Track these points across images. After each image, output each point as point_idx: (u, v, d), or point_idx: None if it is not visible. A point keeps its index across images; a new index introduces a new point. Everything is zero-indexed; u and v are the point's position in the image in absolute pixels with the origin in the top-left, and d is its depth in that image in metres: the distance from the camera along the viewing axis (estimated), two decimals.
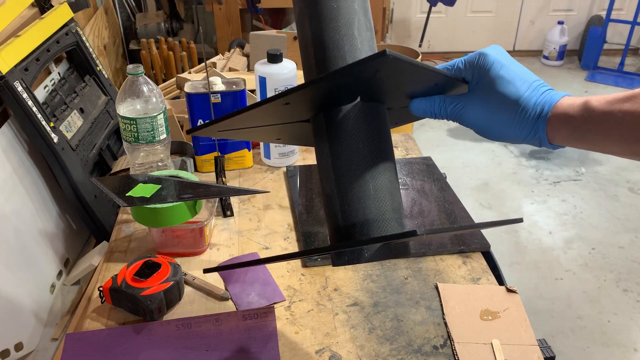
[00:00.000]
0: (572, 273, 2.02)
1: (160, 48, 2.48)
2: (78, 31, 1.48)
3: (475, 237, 0.94)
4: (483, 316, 0.78)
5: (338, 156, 0.57)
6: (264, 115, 0.60)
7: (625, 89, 3.53)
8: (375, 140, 0.57)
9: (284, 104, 0.55)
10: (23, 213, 1.23)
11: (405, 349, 0.74)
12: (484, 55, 0.57)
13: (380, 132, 0.58)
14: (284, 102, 0.54)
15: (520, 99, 0.55)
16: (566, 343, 1.72)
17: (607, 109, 0.52)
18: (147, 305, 0.76)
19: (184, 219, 0.85)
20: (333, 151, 0.57)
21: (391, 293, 0.83)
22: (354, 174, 0.56)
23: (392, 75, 0.54)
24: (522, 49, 4.08)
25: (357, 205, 0.56)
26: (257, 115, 0.58)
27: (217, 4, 2.65)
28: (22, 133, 1.27)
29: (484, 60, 0.57)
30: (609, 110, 0.52)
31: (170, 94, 1.71)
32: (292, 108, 0.58)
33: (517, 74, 0.56)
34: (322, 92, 0.55)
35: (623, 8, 3.90)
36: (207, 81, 1.03)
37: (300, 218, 0.99)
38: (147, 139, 0.99)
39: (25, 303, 1.19)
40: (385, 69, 0.51)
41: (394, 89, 0.58)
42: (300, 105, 0.58)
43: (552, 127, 0.54)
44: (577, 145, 0.55)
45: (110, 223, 1.38)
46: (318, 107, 0.59)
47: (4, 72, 1.16)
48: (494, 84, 0.56)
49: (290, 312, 0.80)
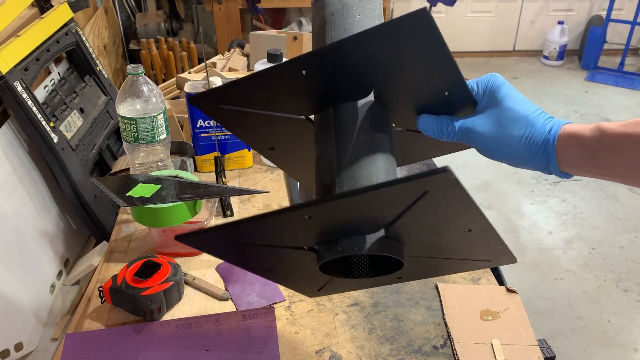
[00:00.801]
0: (572, 273, 2.02)
1: (160, 48, 2.48)
2: (78, 31, 1.48)
3: None
4: (483, 316, 0.78)
5: (343, 148, 0.56)
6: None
7: (626, 89, 3.54)
8: (381, 138, 0.57)
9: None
10: (23, 213, 1.23)
11: (405, 349, 0.74)
12: (495, 76, 0.59)
13: (386, 130, 0.58)
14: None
15: (529, 115, 0.56)
16: (566, 343, 1.72)
17: (621, 130, 0.52)
18: (147, 305, 0.76)
19: (184, 219, 0.85)
20: (338, 143, 0.56)
21: (391, 293, 0.83)
22: (357, 165, 0.55)
23: (417, 55, 0.51)
24: (522, 49, 4.08)
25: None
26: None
27: (217, 4, 2.65)
28: (22, 133, 1.27)
29: (494, 80, 0.58)
30: (624, 132, 0.51)
31: (170, 94, 1.71)
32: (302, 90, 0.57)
33: (524, 97, 0.58)
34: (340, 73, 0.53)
35: (623, 8, 3.90)
36: (207, 81, 1.03)
37: None
38: (147, 139, 0.99)
39: (25, 303, 1.19)
40: (417, 35, 0.49)
41: (408, 86, 0.57)
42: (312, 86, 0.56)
43: (562, 146, 0.54)
44: (587, 168, 0.54)
45: (110, 223, 1.38)
46: (327, 99, 0.58)
47: (4, 72, 1.16)
48: (505, 100, 0.57)
49: (290, 312, 0.80)
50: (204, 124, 1.08)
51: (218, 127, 1.09)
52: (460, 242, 0.56)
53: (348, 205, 0.48)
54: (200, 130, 1.09)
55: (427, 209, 0.49)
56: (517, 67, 3.92)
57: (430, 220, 0.51)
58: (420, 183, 0.44)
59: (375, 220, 0.51)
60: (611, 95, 3.48)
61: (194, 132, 1.10)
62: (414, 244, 0.55)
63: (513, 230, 2.24)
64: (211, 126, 1.09)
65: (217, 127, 1.09)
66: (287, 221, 0.50)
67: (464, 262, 0.62)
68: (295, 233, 0.53)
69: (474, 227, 0.53)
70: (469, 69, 3.82)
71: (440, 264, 0.63)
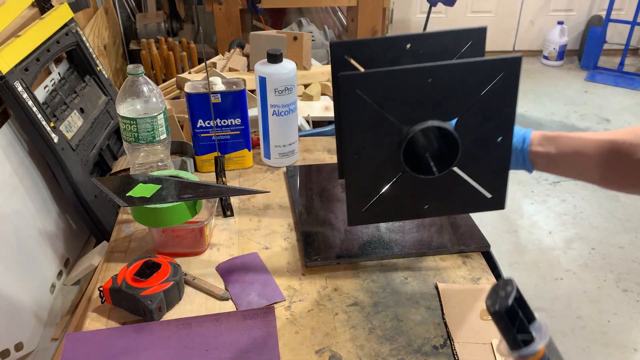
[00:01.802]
0: (572, 273, 2.02)
1: (160, 48, 2.48)
2: (78, 31, 1.48)
3: (475, 237, 0.94)
4: (483, 316, 0.79)
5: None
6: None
7: (625, 89, 3.54)
8: None
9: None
10: (23, 213, 1.23)
11: (405, 349, 0.74)
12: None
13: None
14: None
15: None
16: (566, 343, 1.72)
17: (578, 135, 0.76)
18: (147, 305, 0.76)
19: (184, 219, 0.85)
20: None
21: (391, 293, 0.83)
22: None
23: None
24: (522, 49, 4.08)
25: None
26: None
27: (217, 4, 2.65)
28: (22, 133, 1.27)
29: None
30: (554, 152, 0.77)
31: (171, 94, 1.71)
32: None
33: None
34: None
35: (623, 8, 3.90)
36: (207, 81, 1.03)
37: (300, 218, 0.99)
38: (147, 139, 0.99)
39: (25, 303, 1.19)
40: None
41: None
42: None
43: (534, 137, 0.78)
44: (554, 149, 0.77)
45: (110, 223, 1.38)
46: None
47: (4, 72, 1.16)
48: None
49: (290, 312, 0.80)
50: (204, 124, 1.08)
51: (218, 127, 1.09)
52: (488, 156, 0.76)
53: (457, 72, 0.70)
54: (200, 130, 1.09)
55: (494, 97, 0.71)
56: None
57: (488, 109, 0.72)
58: (509, 61, 0.69)
59: (458, 105, 0.72)
60: (611, 95, 3.48)
61: (194, 132, 1.10)
62: (464, 142, 0.73)
63: (513, 230, 2.24)
64: (211, 126, 1.09)
65: (217, 127, 1.09)
66: (411, 78, 0.70)
67: (474, 194, 0.80)
68: (413, 94, 0.71)
69: (505, 136, 0.74)
70: None
71: (460, 194, 0.80)
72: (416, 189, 0.78)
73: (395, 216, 0.85)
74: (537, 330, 0.48)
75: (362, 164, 0.75)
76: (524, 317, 0.48)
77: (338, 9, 3.20)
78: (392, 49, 0.80)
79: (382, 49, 0.80)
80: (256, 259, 0.91)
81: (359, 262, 0.89)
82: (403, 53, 0.80)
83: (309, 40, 1.76)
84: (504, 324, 0.48)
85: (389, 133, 0.73)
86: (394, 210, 0.81)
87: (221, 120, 1.09)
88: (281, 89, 1.07)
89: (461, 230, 0.95)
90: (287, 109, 1.10)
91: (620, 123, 3.14)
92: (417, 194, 0.79)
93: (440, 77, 0.70)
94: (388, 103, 0.71)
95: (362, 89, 0.70)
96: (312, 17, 3.13)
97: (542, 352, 0.48)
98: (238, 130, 1.11)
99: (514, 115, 0.73)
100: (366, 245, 0.91)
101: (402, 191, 0.78)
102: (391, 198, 0.78)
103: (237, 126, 1.10)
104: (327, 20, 3.19)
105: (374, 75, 0.70)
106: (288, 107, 1.10)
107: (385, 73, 0.70)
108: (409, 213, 0.83)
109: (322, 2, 2.89)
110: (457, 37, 0.79)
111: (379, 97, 0.71)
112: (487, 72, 0.70)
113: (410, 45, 0.80)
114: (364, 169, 0.76)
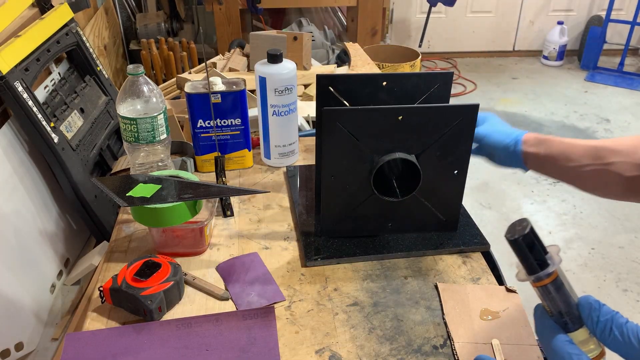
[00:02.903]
0: (572, 273, 2.02)
1: (161, 48, 2.48)
2: (78, 31, 1.48)
3: (475, 237, 0.94)
4: (483, 316, 0.79)
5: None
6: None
7: (625, 89, 3.54)
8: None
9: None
10: (23, 213, 1.23)
11: (405, 349, 0.74)
12: (487, 117, 0.93)
13: None
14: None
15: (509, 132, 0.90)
16: None
17: (543, 152, 0.84)
18: (147, 305, 0.76)
19: (184, 219, 0.85)
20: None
21: (391, 293, 0.83)
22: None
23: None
24: (521, 49, 4.09)
25: None
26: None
27: (217, 4, 2.65)
28: (22, 133, 1.28)
29: (485, 116, 0.93)
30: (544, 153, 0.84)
31: (171, 94, 1.71)
32: None
33: (503, 122, 0.92)
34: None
35: (623, 8, 3.90)
36: (207, 81, 1.03)
37: (300, 218, 0.99)
38: (148, 139, 0.99)
39: (25, 303, 1.19)
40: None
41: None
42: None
43: (529, 138, 0.85)
44: (543, 150, 0.83)
45: (110, 223, 1.38)
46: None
47: (4, 72, 1.16)
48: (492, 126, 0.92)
49: (290, 312, 0.80)
50: (204, 124, 1.09)
51: (218, 127, 1.09)
52: (445, 185, 0.89)
53: (424, 113, 0.81)
54: (200, 130, 1.09)
55: (453, 136, 0.83)
56: (517, 67, 3.92)
57: (448, 146, 0.85)
58: (468, 108, 0.81)
59: (422, 141, 0.84)
60: (611, 96, 3.48)
61: (194, 132, 1.10)
62: (425, 172, 0.85)
63: None
64: (211, 126, 1.09)
65: (217, 127, 1.09)
66: (385, 116, 0.81)
67: (431, 217, 0.92)
68: (383, 131, 0.82)
69: (460, 170, 0.87)
70: (468, 69, 3.82)
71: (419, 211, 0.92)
72: (382, 209, 0.90)
73: (362, 231, 0.93)
74: (550, 259, 0.55)
75: (337, 184, 0.87)
76: (539, 246, 0.54)
77: (338, 9, 3.21)
78: (370, 84, 0.92)
79: (361, 84, 0.92)
80: (256, 259, 0.91)
81: (359, 262, 0.89)
82: (380, 88, 0.92)
83: (309, 41, 1.76)
84: (522, 251, 0.54)
85: (362, 160, 0.85)
86: (362, 225, 0.92)
87: (221, 120, 1.09)
88: (281, 89, 1.07)
89: (461, 230, 0.95)
90: (287, 109, 1.10)
91: (620, 123, 3.14)
92: (383, 213, 0.91)
93: (410, 117, 0.81)
94: (363, 135, 0.82)
95: (342, 122, 0.80)
96: (312, 17, 3.13)
97: (555, 274, 0.55)
98: (238, 130, 1.11)
99: (469, 153, 0.86)
100: (366, 245, 0.91)
101: (370, 210, 0.90)
102: (360, 216, 0.90)
103: (237, 126, 1.10)
104: (327, 20, 3.19)
105: (353, 112, 0.81)
106: (288, 107, 1.10)
107: (363, 111, 0.81)
108: (375, 229, 0.93)
109: (322, 2, 2.89)
110: (427, 79, 0.92)
111: (356, 130, 0.82)
112: (449, 115, 0.81)
113: (386, 82, 0.91)
114: (338, 189, 0.87)
